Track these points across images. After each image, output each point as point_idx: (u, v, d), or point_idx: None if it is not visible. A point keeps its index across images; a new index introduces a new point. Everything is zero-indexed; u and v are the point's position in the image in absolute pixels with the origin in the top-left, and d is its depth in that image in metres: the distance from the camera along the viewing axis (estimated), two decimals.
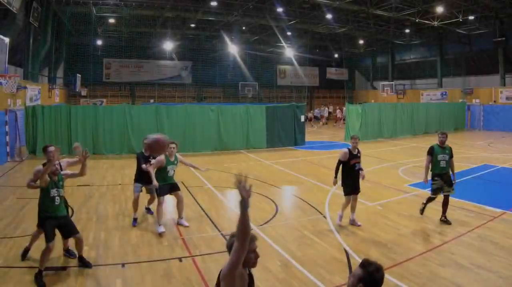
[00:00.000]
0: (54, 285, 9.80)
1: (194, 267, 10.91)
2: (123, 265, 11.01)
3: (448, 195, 14.53)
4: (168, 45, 62.61)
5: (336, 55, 75.96)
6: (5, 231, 13.33)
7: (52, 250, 10.32)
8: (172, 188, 14.17)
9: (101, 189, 18.78)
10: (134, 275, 10.45)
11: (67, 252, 11.54)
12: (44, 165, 10.70)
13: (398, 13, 46.06)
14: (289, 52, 67.17)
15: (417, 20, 48.27)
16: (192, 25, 57.15)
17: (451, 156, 14.62)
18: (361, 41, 68.18)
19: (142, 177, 14.21)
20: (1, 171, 23.76)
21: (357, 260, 11.13)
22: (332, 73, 78.34)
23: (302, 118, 36.60)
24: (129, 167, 23.06)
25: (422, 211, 14.97)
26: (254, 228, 13.84)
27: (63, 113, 30.18)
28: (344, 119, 56.66)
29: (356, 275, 4.89)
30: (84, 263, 10.89)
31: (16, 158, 27.86)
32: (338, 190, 19.37)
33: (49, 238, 10.24)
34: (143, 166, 14.03)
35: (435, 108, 48.83)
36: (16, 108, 29.61)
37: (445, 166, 14.47)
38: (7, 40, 18.84)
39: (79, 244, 10.85)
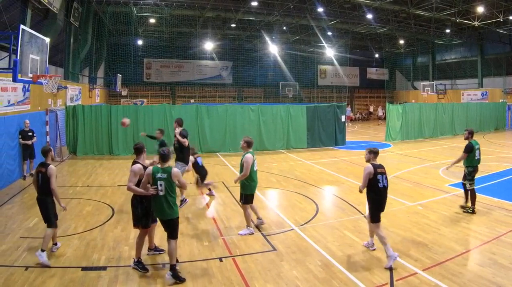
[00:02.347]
0: (94, 283, 9.94)
1: (235, 267, 10.94)
2: (163, 265, 11.12)
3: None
4: (209, 45, 62.96)
5: (376, 55, 75.47)
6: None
7: None
8: None
9: None
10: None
11: (156, 249, 11.83)
12: (135, 162, 11.19)
13: (439, 13, 45.59)
14: (329, 52, 66.79)
15: (457, 20, 47.65)
16: (233, 25, 57.14)
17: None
18: (401, 41, 67.55)
19: None
20: None
21: (397, 260, 11.11)
22: (373, 73, 78.14)
23: (343, 118, 36.41)
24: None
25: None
26: (295, 228, 13.91)
27: (104, 113, 30.48)
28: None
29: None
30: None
31: (57, 158, 27.94)
32: None
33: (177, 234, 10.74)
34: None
35: (475, 108, 48.13)
36: (56, 108, 29.81)
37: None
38: (47, 40, 18.96)
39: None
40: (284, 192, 19.11)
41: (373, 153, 12.00)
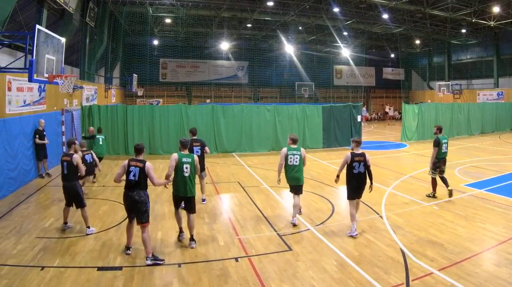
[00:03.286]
0: (110, 284, 9.99)
1: (251, 267, 10.96)
2: (179, 265, 11.15)
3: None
4: (224, 45, 63.15)
5: (392, 55, 75.04)
6: (63, 229, 13.67)
7: None
8: None
9: (157, 189, 18.59)
10: (190, 274, 10.55)
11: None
12: (140, 161, 11.89)
13: (455, 13, 45.43)
14: (345, 52, 66.65)
15: (473, 20, 47.46)
16: (249, 25, 57.27)
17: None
18: (417, 41, 67.29)
19: None
20: (58, 171, 23.54)
21: (413, 260, 11.11)
22: (389, 73, 77.81)
23: (359, 118, 36.16)
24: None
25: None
26: (311, 228, 13.92)
27: (120, 113, 30.53)
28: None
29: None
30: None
31: None
32: (394, 190, 19.32)
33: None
34: None
35: (491, 108, 47.78)
36: (72, 108, 29.90)
37: None
38: (63, 40, 18.99)
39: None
40: None
41: (355, 142, 14.03)
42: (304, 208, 16.25)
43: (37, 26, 16.17)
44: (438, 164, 18.09)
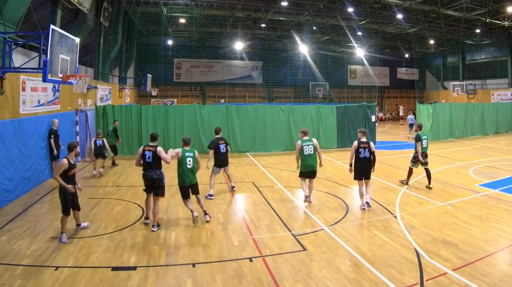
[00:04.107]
0: (124, 284, 10.00)
1: (265, 267, 10.92)
2: (193, 265, 11.12)
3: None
4: (239, 45, 63.24)
5: (406, 55, 74.80)
6: (76, 231, 13.70)
7: None
8: None
9: (172, 189, 18.64)
10: (204, 275, 10.52)
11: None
12: (154, 146, 14.53)
13: (469, 13, 45.11)
14: (359, 52, 66.41)
15: (487, 20, 47.17)
16: (263, 25, 57.29)
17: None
18: (431, 41, 66.83)
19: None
20: None
21: (427, 260, 11.05)
22: (403, 73, 77.50)
23: (373, 118, 35.91)
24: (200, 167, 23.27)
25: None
26: (325, 228, 13.88)
27: (134, 113, 30.56)
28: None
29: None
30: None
31: (87, 158, 27.77)
32: (409, 189, 19.24)
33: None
34: None
35: (505, 108, 47.34)
36: (86, 108, 29.90)
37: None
38: (77, 40, 19.01)
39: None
40: (314, 192, 18.65)
41: (361, 132, 16.76)
42: (318, 208, 16.29)
43: (51, 26, 16.17)
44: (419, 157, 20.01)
